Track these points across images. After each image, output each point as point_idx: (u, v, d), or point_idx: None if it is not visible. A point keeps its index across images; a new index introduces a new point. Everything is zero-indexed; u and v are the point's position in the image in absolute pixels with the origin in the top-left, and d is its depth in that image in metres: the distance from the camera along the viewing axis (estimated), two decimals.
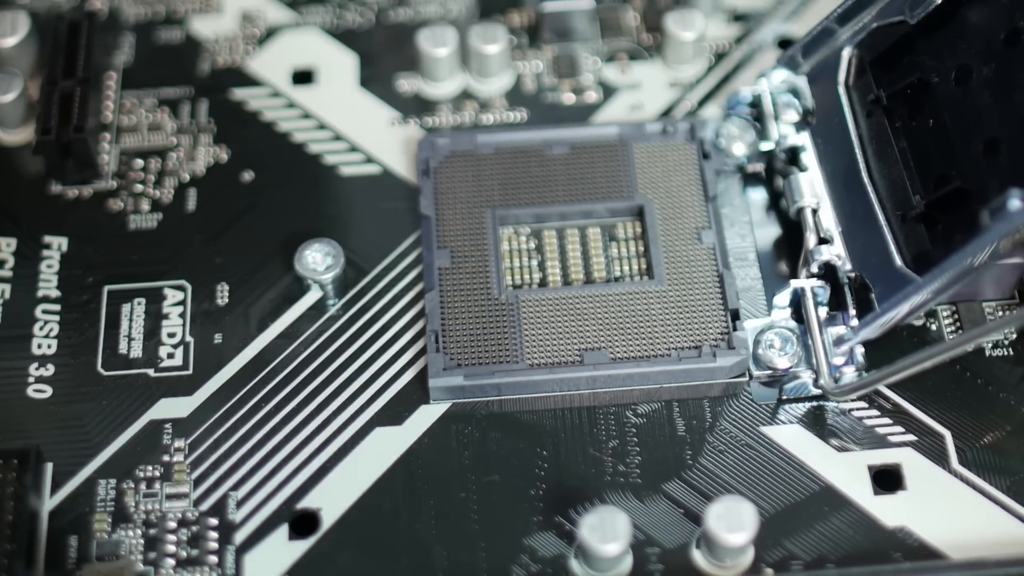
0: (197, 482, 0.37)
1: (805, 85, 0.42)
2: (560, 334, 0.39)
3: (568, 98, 0.46)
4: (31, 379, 0.39)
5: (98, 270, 0.42)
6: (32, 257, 0.42)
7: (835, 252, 0.39)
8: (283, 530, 0.36)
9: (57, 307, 0.41)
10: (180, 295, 0.41)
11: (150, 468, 0.38)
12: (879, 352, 0.38)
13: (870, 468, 0.37)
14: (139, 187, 0.44)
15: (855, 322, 0.38)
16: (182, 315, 0.41)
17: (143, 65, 0.47)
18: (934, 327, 0.40)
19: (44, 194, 0.44)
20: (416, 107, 0.46)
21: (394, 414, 0.38)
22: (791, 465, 0.37)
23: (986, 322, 0.39)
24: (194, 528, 0.37)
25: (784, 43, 0.46)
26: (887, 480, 0.37)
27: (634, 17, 0.48)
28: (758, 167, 0.43)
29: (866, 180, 0.39)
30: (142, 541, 0.36)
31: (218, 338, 0.40)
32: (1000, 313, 0.40)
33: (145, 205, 0.43)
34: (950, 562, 0.35)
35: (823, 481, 0.37)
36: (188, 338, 0.40)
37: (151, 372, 0.39)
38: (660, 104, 0.45)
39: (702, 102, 0.45)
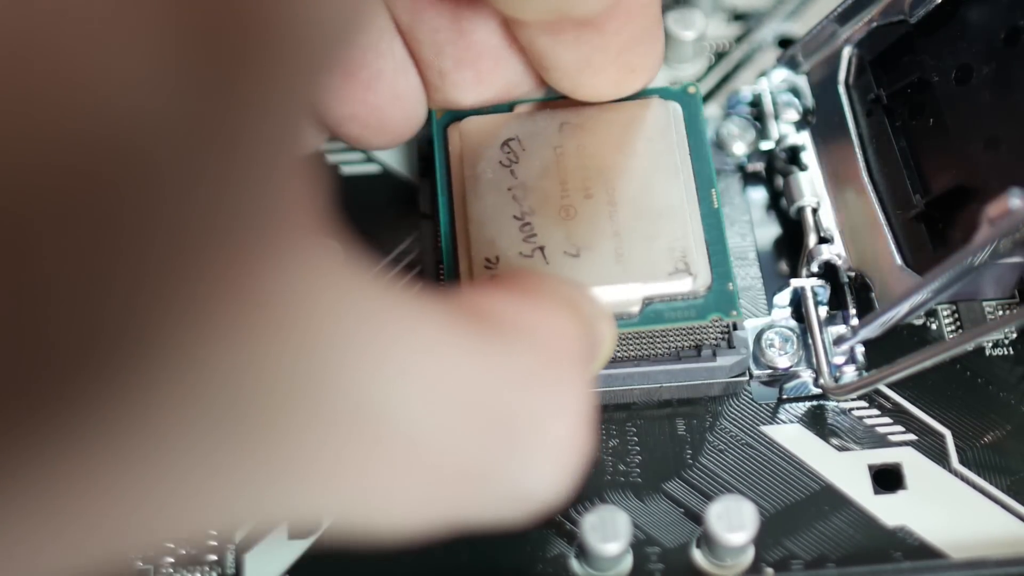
0: None
1: (805, 84, 0.42)
2: None
3: None
4: None
5: None
6: None
7: (835, 251, 0.39)
8: (283, 530, 0.36)
9: None
10: None
11: None
12: (879, 351, 0.38)
13: (870, 467, 0.37)
14: None
15: (855, 321, 0.38)
16: None
17: None
18: (934, 327, 0.40)
19: None
20: None
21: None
22: (791, 464, 0.37)
23: (986, 321, 0.39)
24: None
25: (784, 42, 0.46)
26: (887, 479, 0.37)
27: None
28: (758, 166, 0.43)
29: (866, 179, 0.39)
30: None
31: None
32: (1000, 312, 0.40)
33: None
34: (950, 561, 0.35)
35: (823, 480, 0.37)
36: None
37: None
38: None
39: (702, 101, 0.45)
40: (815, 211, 0.40)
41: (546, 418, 0.25)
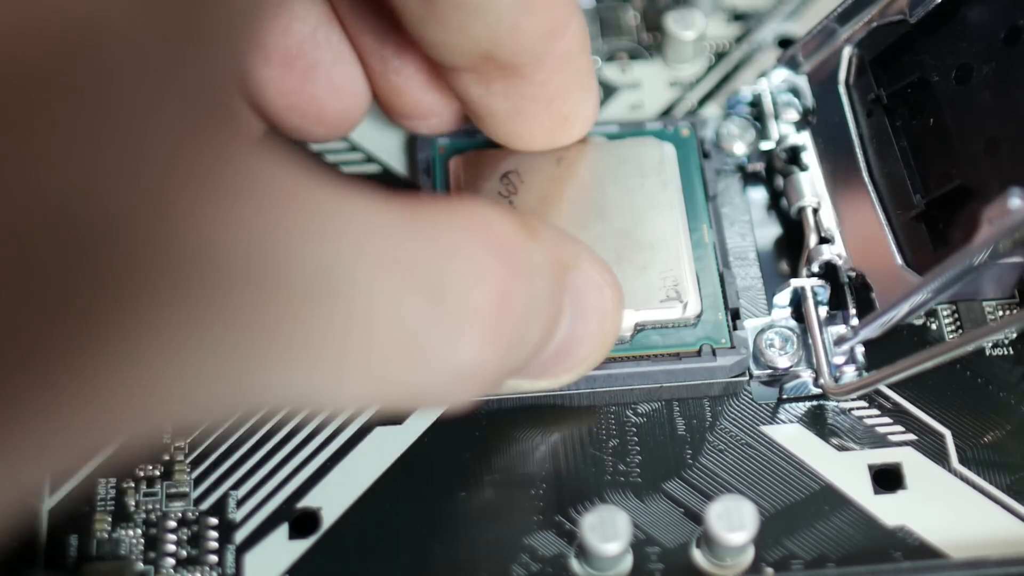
0: (197, 481, 0.37)
1: (805, 84, 0.42)
2: None
3: None
4: None
5: None
6: None
7: (836, 251, 0.39)
8: (283, 530, 0.36)
9: None
10: None
11: (150, 467, 0.38)
12: (879, 352, 0.38)
13: (870, 467, 0.37)
14: None
15: (855, 321, 0.38)
16: None
17: None
18: (934, 327, 0.40)
19: None
20: None
21: (394, 413, 0.38)
22: (791, 464, 0.37)
23: (986, 322, 0.39)
24: (194, 527, 0.37)
25: (784, 42, 0.46)
26: (887, 479, 0.37)
27: (634, 16, 0.48)
28: (758, 166, 0.43)
29: (866, 179, 0.39)
30: (142, 540, 0.36)
31: None
32: (1000, 313, 0.40)
33: None
34: (950, 561, 0.35)
35: (823, 480, 0.37)
36: None
37: None
38: (660, 103, 0.45)
39: (702, 101, 0.45)
40: (815, 211, 0.40)
41: (468, 286, 0.27)
